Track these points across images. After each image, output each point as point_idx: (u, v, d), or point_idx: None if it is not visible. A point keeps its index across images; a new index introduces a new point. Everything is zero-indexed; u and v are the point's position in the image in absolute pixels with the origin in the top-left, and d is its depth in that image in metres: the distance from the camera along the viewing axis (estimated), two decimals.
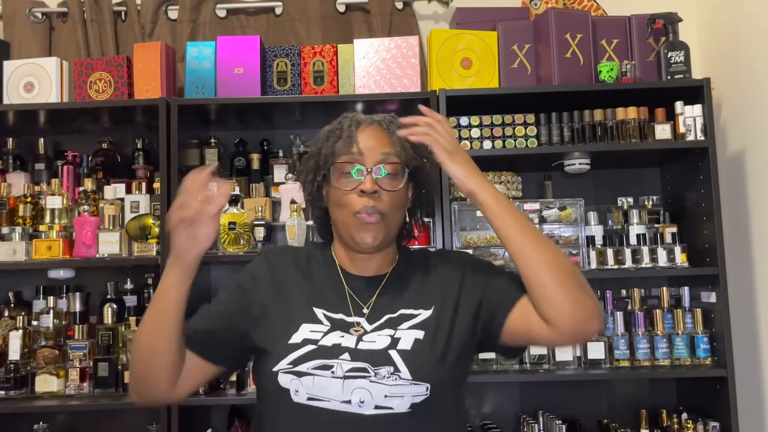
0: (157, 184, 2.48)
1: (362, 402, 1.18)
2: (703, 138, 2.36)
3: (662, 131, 2.39)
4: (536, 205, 2.45)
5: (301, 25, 2.81)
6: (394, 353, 1.23)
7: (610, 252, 2.42)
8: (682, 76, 2.43)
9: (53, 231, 2.40)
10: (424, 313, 1.30)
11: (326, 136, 1.36)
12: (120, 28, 2.82)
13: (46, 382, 2.34)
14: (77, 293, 2.57)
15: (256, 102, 2.43)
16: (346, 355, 1.22)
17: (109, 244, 2.37)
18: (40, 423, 2.42)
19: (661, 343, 2.37)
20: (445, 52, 2.50)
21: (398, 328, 1.27)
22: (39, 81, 2.52)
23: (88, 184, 2.51)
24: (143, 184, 2.50)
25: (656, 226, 2.52)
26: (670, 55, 2.44)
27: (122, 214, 2.45)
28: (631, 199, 2.63)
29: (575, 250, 2.43)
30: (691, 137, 2.37)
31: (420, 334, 1.26)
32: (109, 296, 2.55)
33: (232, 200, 2.38)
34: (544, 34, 2.47)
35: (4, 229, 2.44)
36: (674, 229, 2.46)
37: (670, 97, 2.40)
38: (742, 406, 2.32)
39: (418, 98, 2.39)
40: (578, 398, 2.61)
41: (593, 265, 2.41)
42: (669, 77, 2.44)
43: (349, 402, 1.19)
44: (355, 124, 1.34)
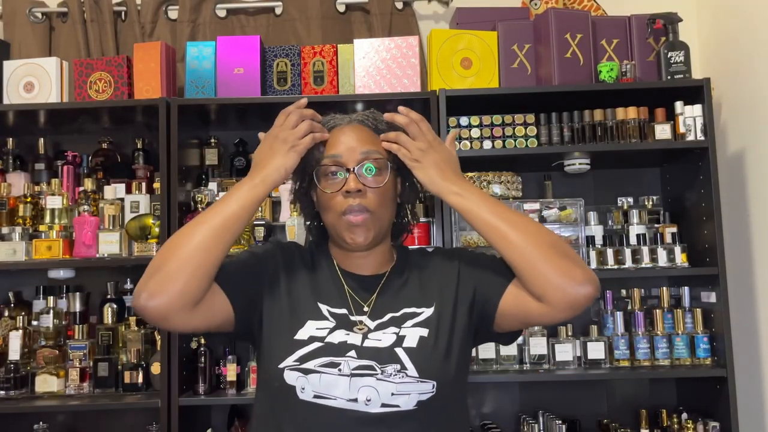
0: (157, 184, 2.48)
1: (369, 400, 1.19)
2: (703, 138, 2.36)
3: (662, 131, 2.39)
4: (536, 205, 2.45)
5: (301, 25, 2.81)
6: (400, 351, 1.23)
7: (610, 252, 2.42)
8: (682, 76, 2.43)
9: (53, 231, 2.40)
10: (426, 311, 1.30)
11: None
12: (120, 28, 2.82)
13: (46, 382, 2.34)
14: (77, 293, 2.58)
15: (256, 102, 2.43)
16: (353, 353, 1.22)
17: (109, 244, 2.37)
18: (40, 423, 2.42)
19: (661, 343, 2.37)
20: (445, 52, 2.50)
21: (402, 326, 1.27)
22: (39, 81, 2.52)
23: (88, 184, 2.51)
24: (143, 184, 2.50)
25: (656, 226, 2.52)
26: (670, 55, 2.44)
27: (122, 214, 2.45)
28: (631, 199, 2.63)
29: (575, 250, 2.42)
30: (691, 137, 2.37)
31: (424, 332, 1.26)
32: (109, 296, 2.55)
33: None
34: (544, 34, 2.47)
35: (4, 229, 2.44)
36: (674, 229, 2.46)
37: (670, 97, 2.40)
38: (742, 406, 2.32)
39: (418, 98, 2.40)
40: (578, 398, 2.61)
41: (593, 265, 2.41)
42: (669, 77, 2.44)
43: (356, 400, 1.19)
44: (331, 126, 1.36)
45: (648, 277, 2.60)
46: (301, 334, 1.26)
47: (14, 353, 2.37)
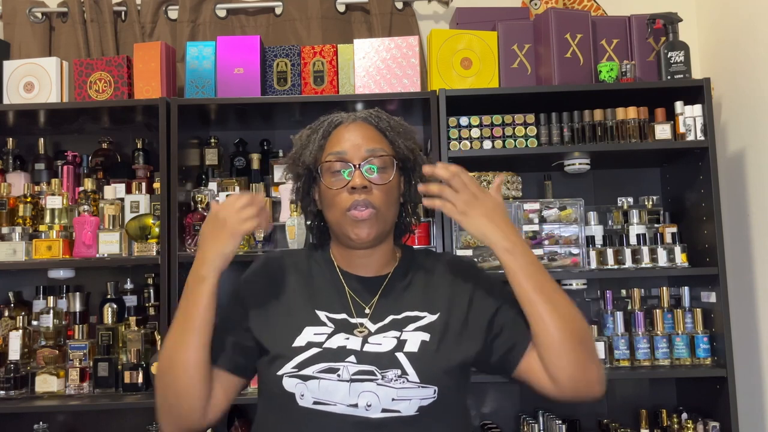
0: (157, 184, 2.48)
1: (369, 405, 1.18)
2: (703, 138, 2.36)
3: (662, 131, 2.39)
4: (536, 205, 2.45)
5: (301, 25, 2.81)
6: (401, 356, 1.22)
7: (610, 252, 2.42)
8: (682, 76, 2.43)
9: (53, 231, 2.40)
10: (429, 317, 1.29)
11: (307, 139, 1.37)
12: (120, 28, 2.82)
13: (46, 382, 2.33)
14: (77, 293, 2.58)
15: (256, 102, 2.43)
16: (352, 358, 1.21)
17: (109, 244, 2.37)
18: (40, 423, 2.42)
19: (661, 343, 2.37)
20: (445, 52, 2.50)
21: (404, 330, 1.26)
22: (39, 81, 2.52)
23: (88, 184, 2.50)
24: (143, 184, 2.50)
25: (656, 226, 2.52)
26: (670, 55, 2.44)
27: (122, 214, 2.45)
28: (631, 199, 2.62)
29: (575, 250, 2.42)
30: (691, 137, 2.37)
31: (426, 337, 1.25)
32: (109, 296, 2.55)
33: None
34: (544, 34, 2.47)
35: (4, 229, 2.44)
36: (674, 229, 2.46)
37: (670, 97, 2.40)
38: (742, 406, 2.32)
39: (418, 98, 2.40)
40: None
41: (593, 265, 2.41)
42: (669, 77, 2.44)
43: (356, 405, 1.18)
44: (336, 123, 1.35)
45: (648, 277, 2.60)
46: (299, 341, 1.25)
47: (14, 353, 2.37)
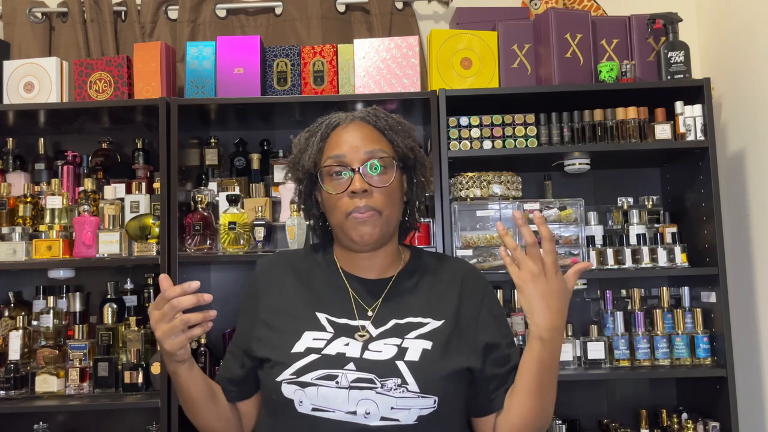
0: (157, 184, 2.48)
1: (368, 413, 1.16)
2: (703, 138, 2.36)
3: (662, 131, 2.39)
4: (536, 205, 2.45)
5: (301, 25, 2.81)
6: (401, 364, 1.20)
7: (610, 252, 2.41)
8: (682, 76, 2.43)
9: (53, 231, 2.40)
10: (433, 323, 1.27)
11: (305, 142, 1.35)
12: (120, 28, 2.83)
13: (46, 382, 2.33)
14: (77, 293, 2.58)
15: (256, 102, 2.42)
16: (351, 365, 1.20)
17: (109, 244, 2.37)
18: (40, 423, 2.42)
19: (661, 343, 2.37)
20: (445, 52, 2.50)
21: (405, 337, 1.24)
22: (39, 81, 2.52)
23: (88, 184, 2.51)
24: (143, 184, 2.50)
25: (656, 226, 2.52)
26: (670, 55, 2.44)
27: (122, 214, 2.45)
28: (631, 199, 2.63)
29: (575, 250, 2.42)
30: (691, 137, 2.37)
31: (428, 345, 1.23)
32: (109, 296, 2.55)
33: (233, 200, 2.38)
34: (544, 34, 2.47)
35: (4, 229, 2.44)
36: (674, 229, 2.46)
37: (670, 97, 2.40)
38: (742, 406, 2.32)
39: (418, 98, 2.40)
40: (578, 398, 2.61)
41: (593, 265, 2.41)
42: (669, 77, 2.43)
43: (355, 413, 1.17)
44: (333, 125, 1.33)
45: (648, 277, 2.60)
46: (298, 347, 1.24)
47: (14, 353, 2.37)
